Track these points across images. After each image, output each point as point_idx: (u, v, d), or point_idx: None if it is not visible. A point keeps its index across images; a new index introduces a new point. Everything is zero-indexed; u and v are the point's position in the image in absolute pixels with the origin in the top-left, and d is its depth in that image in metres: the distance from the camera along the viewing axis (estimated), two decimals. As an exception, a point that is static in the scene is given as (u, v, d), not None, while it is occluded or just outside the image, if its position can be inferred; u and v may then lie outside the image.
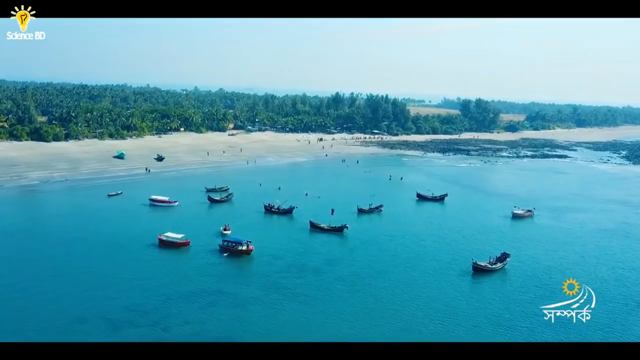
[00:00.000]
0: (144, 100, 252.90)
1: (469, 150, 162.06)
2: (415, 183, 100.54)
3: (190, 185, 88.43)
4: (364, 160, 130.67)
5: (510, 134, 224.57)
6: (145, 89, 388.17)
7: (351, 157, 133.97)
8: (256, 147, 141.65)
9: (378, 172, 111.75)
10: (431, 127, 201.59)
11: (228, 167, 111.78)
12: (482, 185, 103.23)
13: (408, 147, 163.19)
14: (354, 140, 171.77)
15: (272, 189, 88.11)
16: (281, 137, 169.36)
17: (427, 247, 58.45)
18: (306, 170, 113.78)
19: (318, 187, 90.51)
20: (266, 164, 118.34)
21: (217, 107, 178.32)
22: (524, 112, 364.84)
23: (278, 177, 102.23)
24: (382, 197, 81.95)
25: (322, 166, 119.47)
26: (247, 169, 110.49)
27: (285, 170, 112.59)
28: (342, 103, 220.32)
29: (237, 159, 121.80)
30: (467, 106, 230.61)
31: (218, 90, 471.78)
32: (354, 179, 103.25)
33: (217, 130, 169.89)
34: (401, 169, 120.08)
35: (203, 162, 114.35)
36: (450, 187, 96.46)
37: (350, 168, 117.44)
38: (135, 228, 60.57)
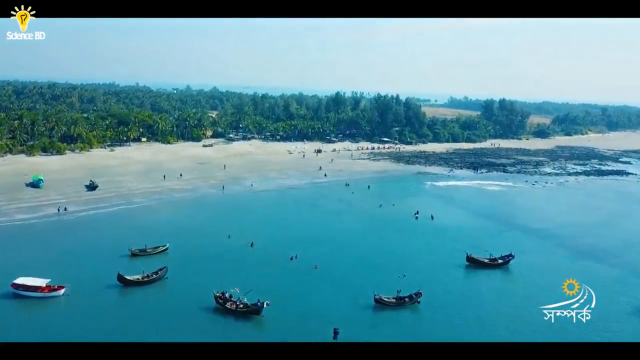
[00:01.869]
0: (117, 101, 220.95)
1: (504, 165, 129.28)
2: (453, 225, 69.12)
3: (110, 242, 55.80)
4: (375, 182, 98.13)
5: (541, 140, 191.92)
6: (126, 88, 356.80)
7: (357, 179, 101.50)
8: (234, 164, 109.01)
9: (397, 204, 79.44)
10: (450, 133, 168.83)
11: (185, 199, 79.10)
12: (552, 228, 70.31)
13: (427, 160, 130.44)
14: (360, 152, 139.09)
15: (242, 244, 56.61)
16: (269, 148, 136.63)
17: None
18: (296, 202, 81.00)
19: (311, 239, 58.93)
20: (241, 192, 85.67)
21: (189, 112, 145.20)
22: (538, 112, 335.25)
23: (254, 216, 69.96)
24: (414, 263, 51.87)
25: (319, 194, 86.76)
26: (211, 203, 77.68)
27: (266, 203, 79.75)
28: (344, 104, 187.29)
29: (204, 184, 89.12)
30: (490, 107, 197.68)
31: (211, 89, 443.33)
32: (364, 221, 70.43)
33: (191, 140, 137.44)
34: (427, 198, 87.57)
35: (153, 191, 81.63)
36: (507, 234, 65.12)
37: (357, 197, 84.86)
38: None
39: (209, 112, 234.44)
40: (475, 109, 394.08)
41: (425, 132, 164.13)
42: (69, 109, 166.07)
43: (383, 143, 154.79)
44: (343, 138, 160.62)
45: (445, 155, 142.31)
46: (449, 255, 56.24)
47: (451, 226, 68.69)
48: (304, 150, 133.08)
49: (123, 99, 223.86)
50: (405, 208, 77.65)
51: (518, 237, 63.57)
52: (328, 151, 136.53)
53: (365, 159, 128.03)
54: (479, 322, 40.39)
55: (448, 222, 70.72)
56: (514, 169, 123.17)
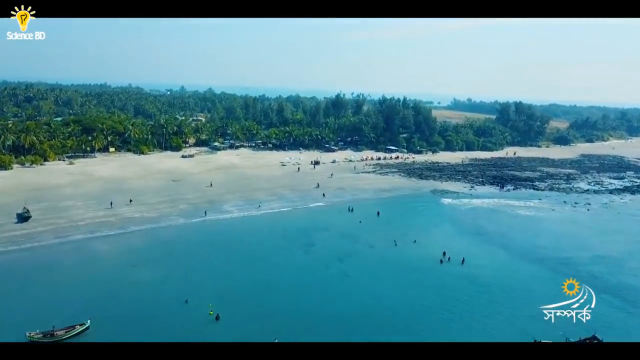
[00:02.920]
0: (97, 103, 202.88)
1: (531, 179, 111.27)
2: (495, 277, 51.86)
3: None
4: (385, 206, 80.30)
5: (562, 148, 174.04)
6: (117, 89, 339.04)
7: (363, 200, 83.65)
8: (216, 180, 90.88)
9: (416, 238, 61.78)
10: (464, 140, 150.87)
11: (142, 233, 60.87)
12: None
13: (442, 174, 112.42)
14: (363, 163, 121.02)
15: (203, 315, 39.29)
16: (259, 159, 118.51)
17: None
18: (286, 238, 62.74)
19: (304, 310, 40.78)
20: (217, 222, 67.53)
21: (166, 118, 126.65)
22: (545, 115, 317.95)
23: (226, 264, 51.95)
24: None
25: (316, 225, 68.56)
26: (173, 240, 59.32)
27: (246, 240, 61.26)
28: (345, 108, 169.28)
29: (171, 210, 70.98)
30: (506, 112, 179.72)
31: (206, 90, 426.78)
32: (377, 272, 52.07)
33: (170, 149, 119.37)
34: (451, 229, 69.78)
35: (102, 222, 63.45)
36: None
37: (365, 229, 66.83)
38: None
39: (198, 115, 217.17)
40: (480, 112, 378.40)
41: (436, 140, 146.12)
42: (35, 113, 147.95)
43: (389, 152, 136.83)
44: (344, 146, 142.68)
45: (462, 167, 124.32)
46: (503, 333, 38.22)
47: (493, 278, 50.72)
48: (300, 162, 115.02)
49: (104, 101, 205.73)
50: (428, 246, 59.97)
51: (597, 301, 45.55)
52: (327, 162, 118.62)
53: (371, 173, 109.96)
54: None
55: (486, 270, 52.87)
56: (544, 185, 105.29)
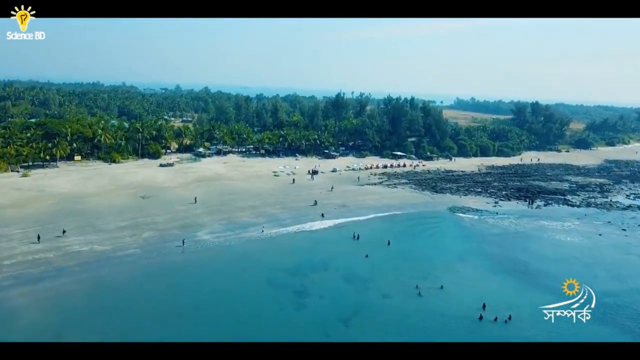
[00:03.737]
0: (78, 103, 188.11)
1: (561, 192, 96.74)
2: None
3: None
4: (397, 230, 66.08)
5: (583, 152, 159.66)
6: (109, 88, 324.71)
7: (369, 221, 69.31)
8: (195, 195, 76.32)
9: (442, 279, 47.52)
10: (478, 145, 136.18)
11: (83, 276, 45.94)
12: None
13: (459, 185, 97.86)
14: (368, 172, 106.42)
15: None
16: (249, 168, 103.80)
17: None
18: (271, 284, 47.81)
19: None
20: (185, 257, 52.78)
21: (144, 122, 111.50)
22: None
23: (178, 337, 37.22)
24: None
25: (312, 261, 53.73)
26: (121, 288, 44.35)
27: (218, 286, 46.56)
28: (346, 109, 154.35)
29: (130, 240, 56.33)
30: (522, 113, 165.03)
31: (202, 89, 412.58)
32: (397, 341, 37.64)
33: (147, 157, 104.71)
34: (484, 263, 55.35)
35: (35, 260, 48.59)
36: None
37: (374, 267, 52.34)
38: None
39: (188, 116, 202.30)
40: (485, 111, 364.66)
41: (448, 144, 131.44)
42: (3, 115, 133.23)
43: (396, 158, 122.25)
44: (345, 152, 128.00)
45: (479, 176, 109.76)
46: None
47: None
48: (295, 172, 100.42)
49: (86, 101, 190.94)
50: (459, 293, 45.89)
51: None
52: (327, 172, 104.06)
53: (377, 184, 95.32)
54: None
55: (545, 332, 38.30)
56: (578, 200, 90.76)
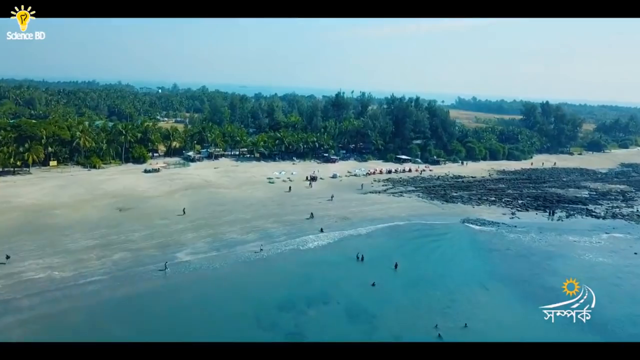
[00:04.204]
0: (66, 102, 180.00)
1: (583, 201, 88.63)
2: None
3: None
4: (406, 248, 58.16)
5: (597, 156, 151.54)
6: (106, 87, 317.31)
7: (374, 237, 61.30)
8: (181, 205, 68.27)
9: (466, 315, 39.59)
10: (487, 148, 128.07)
11: (30, 316, 38.12)
12: None
13: (470, 193, 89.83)
14: (372, 179, 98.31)
15: None
16: (242, 174, 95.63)
17: None
18: (258, 322, 39.75)
19: None
20: (152, 290, 44.81)
21: (127, 124, 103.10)
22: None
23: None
24: None
25: (308, 291, 45.75)
26: (77, 324, 36.54)
27: (190, 324, 38.73)
28: (346, 109, 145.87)
29: (98, 263, 48.18)
30: (532, 113, 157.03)
31: (200, 88, 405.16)
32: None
33: (132, 162, 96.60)
34: (508, 291, 47.29)
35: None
36: None
37: (382, 297, 44.28)
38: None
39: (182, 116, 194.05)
40: (486, 111, 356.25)
41: (455, 147, 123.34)
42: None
43: (401, 163, 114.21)
44: (346, 155, 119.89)
45: (491, 182, 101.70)
46: None
47: None
48: (292, 178, 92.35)
49: (74, 100, 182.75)
50: (487, 331, 37.74)
51: None
52: (326, 177, 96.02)
53: (381, 193, 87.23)
54: None
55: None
56: (601, 210, 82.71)
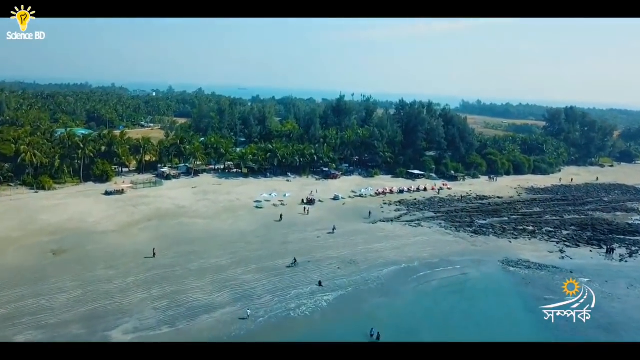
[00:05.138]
0: (41, 107, 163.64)
1: (635, 233, 72.62)
2: None
3: None
4: (435, 310, 41.98)
5: (629, 167, 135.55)
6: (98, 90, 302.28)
7: (390, 289, 44.92)
8: (138, 243, 52.04)
9: None
10: (511, 160, 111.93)
11: None
12: None
13: (502, 220, 73.52)
14: (381, 201, 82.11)
15: None
16: (224, 196, 79.23)
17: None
18: None
19: None
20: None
21: (86, 135, 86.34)
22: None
23: None
24: None
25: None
26: None
27: None
28: (349, 115, 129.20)
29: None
30: (557, 119, 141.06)
31: (196, 90, 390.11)
32: None
33: (94, 180, 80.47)
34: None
35: None
36: None
37: None
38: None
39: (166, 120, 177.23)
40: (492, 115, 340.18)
41: (474, 160, 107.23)
42: None
43: (413, 178, 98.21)
44: (350, 169, 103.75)
45: (523, 205, 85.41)
46: None
47: None
48: (285, 200, 76.26)
49: (49, 104, 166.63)
50: None
51: None
52: (326, 199, 79.93)
53: (394, 221, 70.99)
54: None
55: None
56: (667, 243, 66.72)
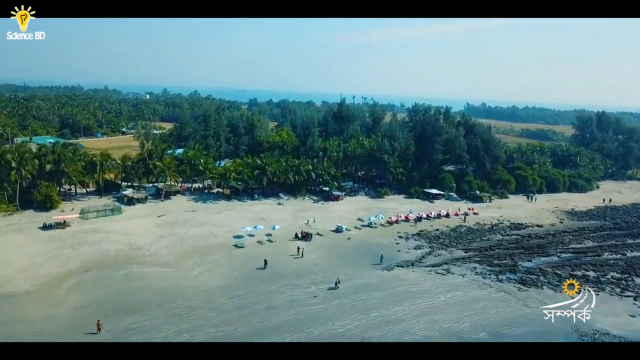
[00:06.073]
0: (10, 112, 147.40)
1: None
2: None
3: None
4: None
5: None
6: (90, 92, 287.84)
7: None
8: (61, 311, 35.63)
9: None
10: (542, 175, 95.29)
11: None
12: None
13: (550, 261, 57.05)
14: (395, 232, 65.40)
15: None
16: (196, 229, 62.26)
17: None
18: None
19: None
20: None
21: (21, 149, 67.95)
22: (567, 120, 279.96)
23: None
24: None
25: None
26: None
27: None
28: (351, 121, 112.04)
29: None
30: (588, 126, 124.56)
31: (192, 92, 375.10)
32: None
33: (35, 207, 63.97)
34: None
35: None
36: None
37: None
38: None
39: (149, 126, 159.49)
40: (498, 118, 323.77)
41: (501, 176, 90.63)
42: None
43: (430, 199, 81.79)
44: (355, 188, 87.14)
45: (570, 236, 68.49)
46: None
47: None
48: (274, 235, 59.69)
49: (19, 109, 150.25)
50: None
51: None
52: (326, 232, 63.44)
53: (415, 265, 54.31)
54: None
55: None
56: None
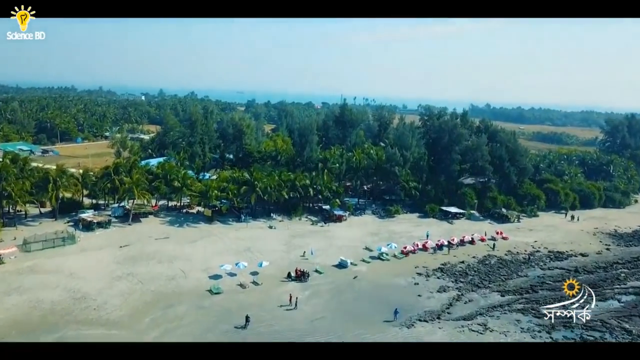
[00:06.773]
0: None
1: None
2: None
3: None
4: None
5: None
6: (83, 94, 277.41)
7: None
8: None
9: None
10: (576, 190, 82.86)
11: None
12: None
13: (607, 305, 44.59)
14: (412, 266, 53.02)
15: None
16: (165, 265, 49.64)
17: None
18: None
19: None
20: None
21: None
22: (584, 125, 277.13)
23: None
24: None
25: None
26: None
27: None
28: (355, 125, 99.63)
29: None
30: (619, 131, 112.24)
31: (188, 93, 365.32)
32: None
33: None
34: None
35: None
36: None
37: None
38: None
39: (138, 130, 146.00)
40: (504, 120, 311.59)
41: (529, 190, 78.22)
42: None
43: (449, 219, 69.55)
44: (360, 205, 74.86)
45: (623, 267, 55.92)
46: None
47: None
48: (261, 273, 47.42)
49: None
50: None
51: None
52: (327, 266, 51.14)
53: (441, 319, 41.67)
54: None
55: None
56: None
